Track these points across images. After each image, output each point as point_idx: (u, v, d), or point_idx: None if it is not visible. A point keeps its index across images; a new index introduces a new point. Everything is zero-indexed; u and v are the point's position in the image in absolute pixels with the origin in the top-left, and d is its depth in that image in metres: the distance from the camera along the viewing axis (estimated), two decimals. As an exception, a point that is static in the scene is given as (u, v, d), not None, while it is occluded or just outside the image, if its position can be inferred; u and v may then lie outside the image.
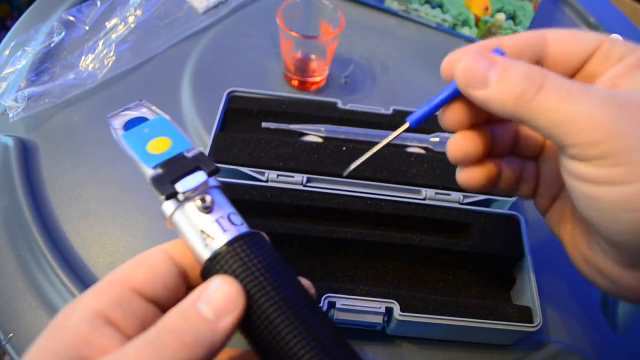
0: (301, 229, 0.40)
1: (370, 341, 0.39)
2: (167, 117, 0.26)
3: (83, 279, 0.40)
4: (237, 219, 0.23)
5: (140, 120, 0.26)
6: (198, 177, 0.23)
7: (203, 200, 0.23)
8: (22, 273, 0.40)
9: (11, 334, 0.38)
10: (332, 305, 0.36)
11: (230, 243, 0.22)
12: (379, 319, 0.36)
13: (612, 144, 0.21)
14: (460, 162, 0.29)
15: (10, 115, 0.49)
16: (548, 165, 0.30)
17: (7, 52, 0.54)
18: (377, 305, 0.36)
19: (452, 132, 0.29)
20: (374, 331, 0.38)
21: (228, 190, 0.40)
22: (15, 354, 0.37)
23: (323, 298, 0.36)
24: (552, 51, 0.26)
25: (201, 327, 0.20)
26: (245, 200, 0.41)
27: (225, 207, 0.23)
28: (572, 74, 0.27)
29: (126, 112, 0.26)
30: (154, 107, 0.27)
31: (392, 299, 0.36)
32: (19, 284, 0.40)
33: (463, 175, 0.30)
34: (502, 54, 0.26)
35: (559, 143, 0.23)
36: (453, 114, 0.28)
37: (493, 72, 0.24)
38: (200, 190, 0.23)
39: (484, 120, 0.29)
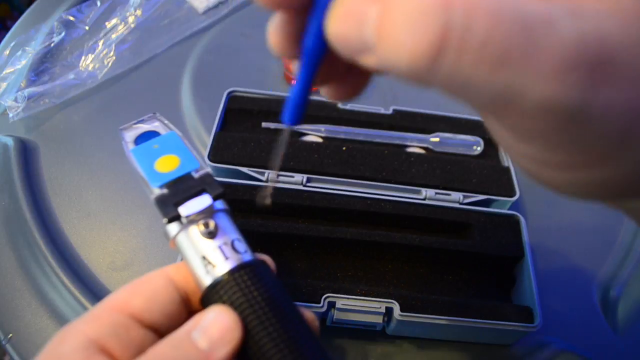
0: (301, 229, 0.40)
1: (370, 341, 0.39)
2: (178, 133, 0.26)
3: (83, 279, 0.40)
4: (242, 246, 0.23)
5: (152, 134, 0.26)
6: (203, 201, 0.23)
7: (206, 225, 0.22)
8: (22, 273, 0.40)
9: (10, 335, 0.38)
10: (332, 305, 0.36)
11: (231, 272, 0.22)
12: (379, 319, 0.36)
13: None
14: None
15: (10, 115, 0.49)
16: None
17: (7, 52, 0.54)
18: (377, 305, 0.36)
19: None
20: (374, 331, 0.38)
21: (228, 190, 0.40)
22: (15, 354, 0.37)
23: (323, 298, 0.36)
24: None
25: (193, 356, 0.19)
26: (245, 200, 0.41)
27: (229, 233, 0.23)
28: None
29: (139, 125, 0.26)
30: (166, 121, 0.27)
31: (392, 299, 0.36)
32: (19, 284, 0.40)
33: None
34: None
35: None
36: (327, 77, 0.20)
37: (368, 25, 0.15)
38: (205, 214, 0.23)
39: None
